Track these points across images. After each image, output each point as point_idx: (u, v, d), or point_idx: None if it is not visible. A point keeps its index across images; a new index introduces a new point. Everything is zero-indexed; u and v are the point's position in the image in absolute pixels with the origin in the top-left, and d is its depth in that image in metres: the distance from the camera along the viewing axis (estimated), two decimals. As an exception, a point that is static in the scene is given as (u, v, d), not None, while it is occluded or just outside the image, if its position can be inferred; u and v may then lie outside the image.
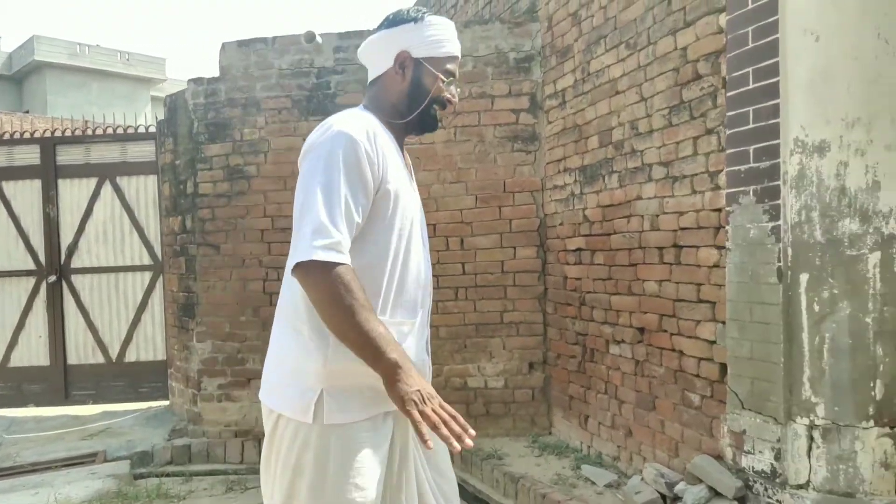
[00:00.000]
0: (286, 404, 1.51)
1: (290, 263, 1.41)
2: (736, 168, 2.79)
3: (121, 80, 27.37)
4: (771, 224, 2.64)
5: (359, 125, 1.46)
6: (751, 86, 2.71)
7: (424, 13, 1.58)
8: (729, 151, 2.83)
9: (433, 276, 4.73)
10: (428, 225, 4.71)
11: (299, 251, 1.37)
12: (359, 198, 1.42)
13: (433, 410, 1.34)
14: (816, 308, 2.54)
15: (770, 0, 2.60)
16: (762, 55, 2.65)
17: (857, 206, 2.47)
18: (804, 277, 2.56)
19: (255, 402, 4.78)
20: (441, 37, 1.57)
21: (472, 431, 1.36)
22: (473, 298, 4.60)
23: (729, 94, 2.82)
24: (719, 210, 2.93)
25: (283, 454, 1.52)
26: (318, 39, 4.62)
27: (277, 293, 4.87)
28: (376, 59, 1.59)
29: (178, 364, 5.29)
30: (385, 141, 1.50)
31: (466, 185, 4.58)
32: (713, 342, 3.00)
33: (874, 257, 2.46)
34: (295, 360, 1.50)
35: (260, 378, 1.59)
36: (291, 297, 1.52)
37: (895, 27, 2.43)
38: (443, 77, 1.57)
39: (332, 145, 1.41)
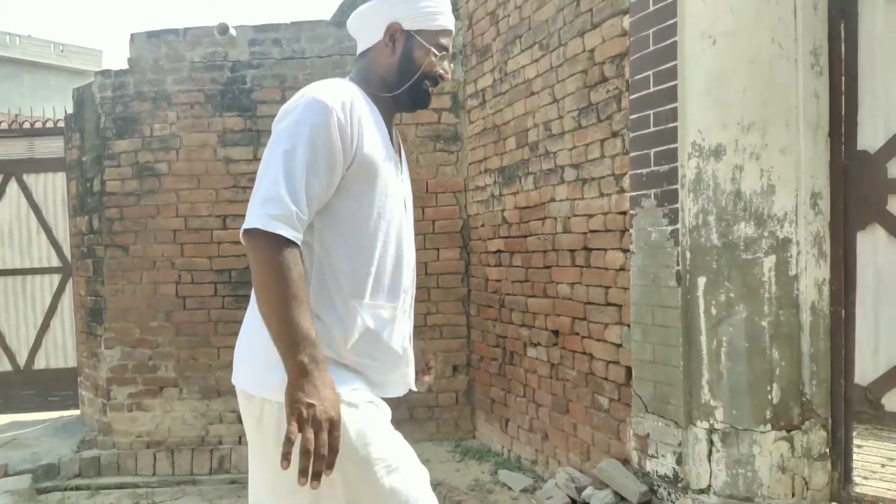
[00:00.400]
0: (263, 385, 1.37)
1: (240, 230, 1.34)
2: (638, 171, 2.78)
3: (55, 73, 26.20)
4: (670, 228, 2.64)
5: (335, 93, 1.37)
6: (651, 89, 2.70)
7: None
8: (632, 154, 2.82)
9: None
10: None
11: (249, 217, 1.30)
12: (321, 170, 1.33)
13: (308, 436, 1.23)
14: (714, 311, 2.54)
15: (670, 3, 2.59)
16: (662, 58, 2.64)
17: (753, 209, 2.48)
18: (702, 281, 2.56)
19: (167, 412, 4.59)
20: (434, 9, 1.49)
21: (329, 475, 1.26)
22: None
23: (632, 97, 2.80)
24: (624, 213, 2.91)
25: (269, 441, 1.37)
26: (232, 32, 4.44)
27: (191, 297, 4.70)
28: (366, 30, 1.52)
29: (87, 372, 5.03)
30: (365, 112, 1.40)
31: (387, 185, 4.48)
32: (619, 345, 2.99)
33: (769, 261, 2.48)
34: (264, 336, 1.36)
35: (173, 385, 1.43)
36: None
37: (789, 32, 2.44)
38: (435, 51, 1.49)
39: (302, 113, 1.34)
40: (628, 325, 2.91)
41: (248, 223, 1.29)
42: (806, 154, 2.45)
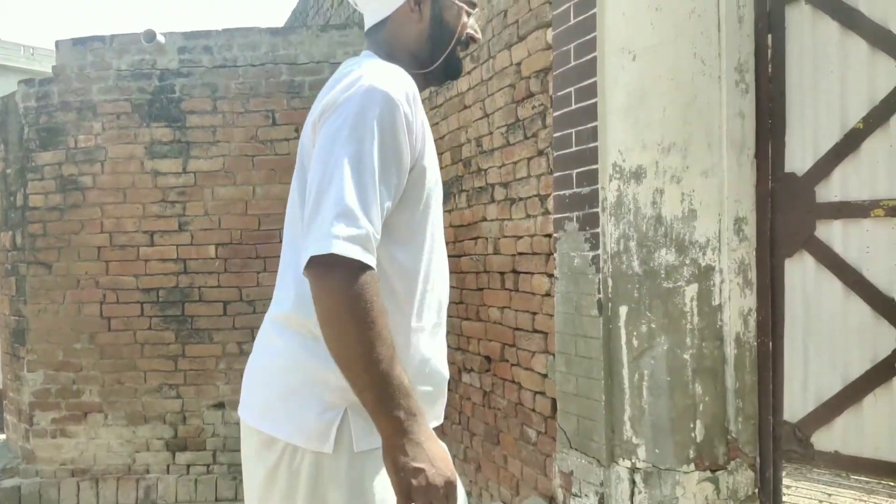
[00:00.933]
0: (296, 429, 1.15)
1: (302, 255, 1.05)
2: (562, 193, 2.63)
3: (27, 76, 25.64)
4: (591, 253, 2.48)
5: (395, 81, 1.12)
6: (573, 106, 2.54)
7: None
8: (556, 175, 2.66)
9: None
10: (272, 244, 4.50)
11: (315, 240, 1.03)
12: (392, 177, 1.10)
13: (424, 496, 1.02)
14: (635, 343, 2.39)
15: (590, 15, 2.44)
16: (583, 74, 2.49)
17: (674, 235, 2.33)
18: (623, 310, 2.41)
19: (92, 439, 4.35)
20: None
21: None
22: (332, 321, 4.31)
23: (555, 113, 2.65)
24: (549, 236, 2.76)
25: (297, 497, 1.16)
26: (160, 39, 4.24)
27: (117, 317, 4.48)
28: None
29: (11, 395, 4.77)
30: (422, 106, 1.18)
31: (324, 200, 4.30)
32: (545, 375, 2.83)
33: (691, 290, 2.33)
34: (305, 371, 1.15)
35: (98, 411, 1.16)
36: (298, 292, 1.16)
37: (713, 47, 2.30)
38: (468, 8, 1.26)
39: (363, 104, 1.08)
40: (554, 355, 2.75)
41: (319, 247, 1.02)
42: (730, 177, 2.31)
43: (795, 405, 2.33)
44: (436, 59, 1.24)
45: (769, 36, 2.32)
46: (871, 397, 2.17)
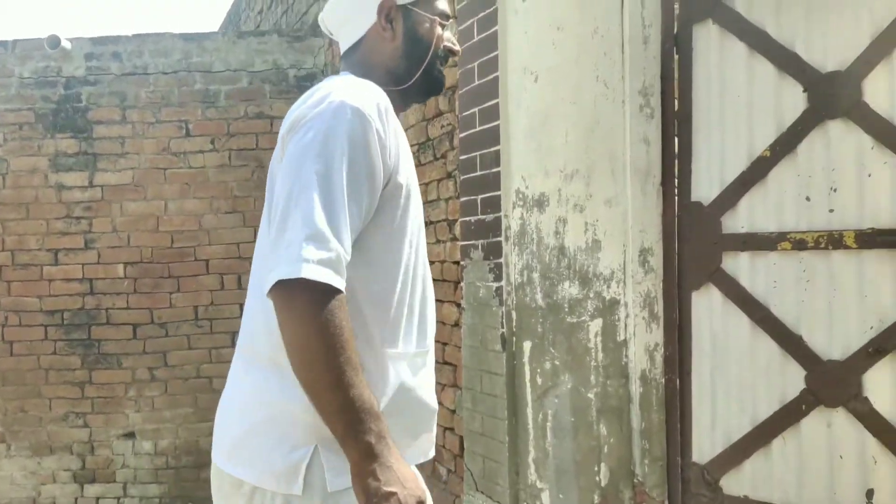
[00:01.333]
0: (263, 471, 1.09)
1: (268, 277, 1.00)
2: (468, 219, 2.48)
3: None
4: (495, 284, 2.34)
5: (367, 96, 1.08)
6: (478, 128, 2.40)
7: None
8: (462, 199, 2.51)
9: (208, 319, 4.25)
10: (199, 261, 4.27)
11: (283, 262, 0.98)
12: (363, 196, 1.06)
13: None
14: (539, 381, 2.25)
15: (492, 32, 2.30)
16: (487, 94, 2.34)
17: (577, 267, 2.20)
18: (527, 346, 2.27)
19: (-10, 470, 4.06)
20: None
21: None
22: (251, 343, 4.09)
23: (461, 135, 2.50)
24: (458, 263, 2.61)
25: None
26: (66, 45, 3.97)
27: (19, 341, 4.17)
28: (351, 19, 1.24)
29: None
30: (396, 120, 1.14)
31: (244, 216, 4.08)
32: (454, 411, 2.68)
33: (595, 325, 2.20)
34: (271, 408, 1.10)
35: (1, 441, 0.95)
36: (265, 320, 1.09)
37: (616, 69, 2.18)
38: (441, 20, 1.23)
39: (333, 120, 1.04)
40: (462, 389, 2.60)
41: (287, 271, 0.97)
42: (634, 205, 2.19)
43: (704, 446, 2.21)
44: (413, 75, 1.23)
45: (676, 58, 2.21)
46: (780, 440, 2.07)
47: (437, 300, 2.78)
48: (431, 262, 2.80)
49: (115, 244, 4.08)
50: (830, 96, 1.94)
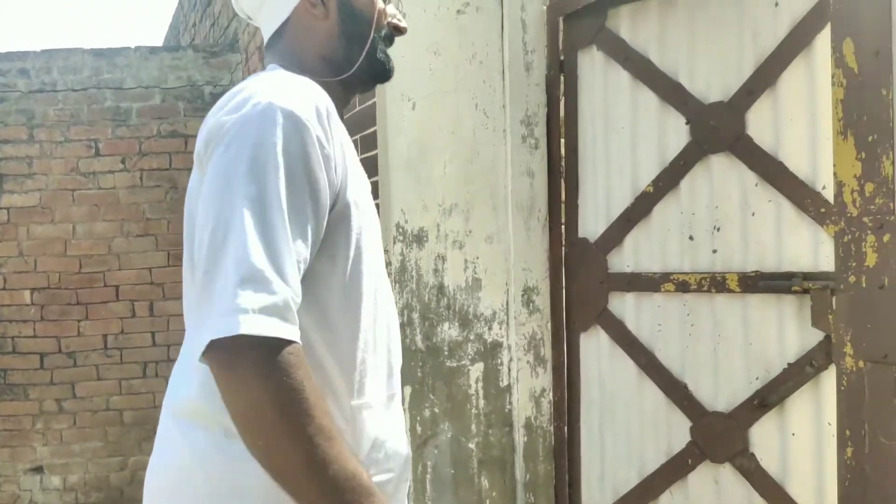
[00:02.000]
0: None
1: (197, 337, 0.79)
2: (351, 252, 2.33)
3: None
4: (374, 325, 2.19)
5: (302, 95, 0.87)
6: (360, 155, 2.25)
7: None
8: (347, 231, 2.37)
9: (118, 348, 4.06)
10: (108, 286, 4.07)
11: (215, 316, 0.77)
12: (307, 220, 0.83)
13: None
14: (419, 429, 2.10)
15: (370, 55, 2.16)
16: (366, 121, 2.20)
17: (457, 307, 2.05)
18: (407, 391, 2.11)
19: None
20: None
21: None
22: (165, 375, 3.90)
23: (345, 162, 2.35)
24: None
25: None
26: (-34, 60, 3.78)
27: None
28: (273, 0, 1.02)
29: None
30: (340, 123, 0.93)
31: (156, 239, 3.90)
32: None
33: (476, 369, 2.06)
34: (219, 478, 0.88)
35: None
36: (202, 376, 0.88)
37: (496, 97, 2.05)
38: None
39: (260, 129, 0.82)
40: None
41: (220, 328, 0.76)
42: (517, 242, 2.05)
43: (594, 499, 2.07)
44: (354, 61, 1.02)
45: (562, 87, 2.08)
46: (668, 495, 1.93)
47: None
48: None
49: (21, 269, 3.88)
50: (713, 129, 1.81)
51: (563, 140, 2.09)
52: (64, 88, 3.87)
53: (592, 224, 2.05)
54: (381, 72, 1.06)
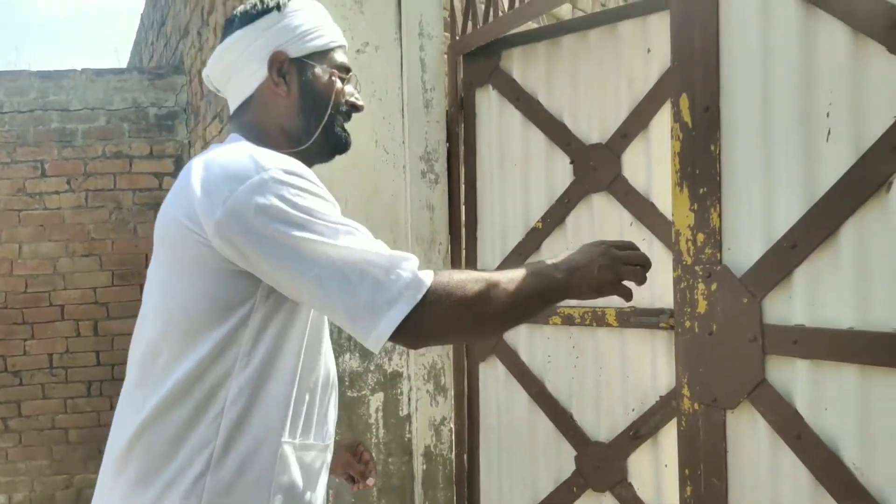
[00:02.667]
0: None
1: (370, 337, 0.91)
2: (264, 281, 2.38)
3: None
4: (281, 355, 2.24)
5: (282, 157, 0.99)
6: (269, 188, 2.31)
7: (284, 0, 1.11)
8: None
9: (63, 367, 4.08)
10: (54, 306, 4.10)
11: (389, 309, 0.90)
12: (349, 222, 0.98)
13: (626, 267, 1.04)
14: (323, 458, 2.15)
15: (278, 91, 2.21)
16: (274, 154, 2.25)
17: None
18: (311, 421, 2.16)
19: None
20: (315, 23, 1.11)
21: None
22: (110, 394, 3.93)
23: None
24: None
25: None
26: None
27: None
28: (242, 72, 1.10)
29: None
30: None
31: (101, 259, 3.93)
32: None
33: (376, 399, 2.11)
34: None
35: None
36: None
37: (396, 134, 2.11)
38: (339, 73, 1.12)
39: (280, 187, 0.93)
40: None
41: (395, 316, 0.90)
42: (416, 275, 2.10)
43: (492, 526, 2.13)
44: (311, 134, 1.11)
45: (461, 124, 2.14)
46: (557, 521, 1.99)
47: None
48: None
49: (-34, 289, 3.90)
50: (593, 169, 1.88)
51: (462, 175, 2.15)
52: (10, 110, 3.90)
53: (490, 257, 2.11)
54: (338, 145, 1.15)
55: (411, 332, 0.91)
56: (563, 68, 1.94)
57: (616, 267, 1.03)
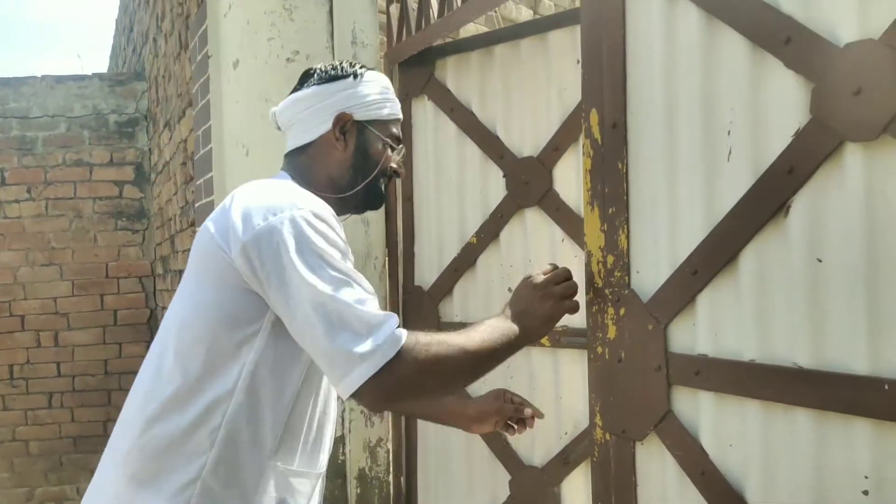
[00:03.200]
0: None
1: (341, 385, 1.01)
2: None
3: None
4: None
5: (316, 201, 1.11)
6: (204, 199, 2.24)
7: (362, 67, 1.27)
8: (198, 275, 2.35)
9: (24, 378, 4.01)
10: (14, 316, 4.03)
11: (354, 368, 0.99)
12: (354, 272, 1.07)
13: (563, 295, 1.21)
14: (255, 480, 2.08)
15: (210, 99, 2.15)
16: (207, 165, 2.19)
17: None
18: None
19: None
20: (385, 95, 1.27)
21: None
22: (71, 406, 3.87)
23: (196, 204, 2.34)
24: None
25: None
26: None
27: None
28: (307, 121, 1.25)
29: None
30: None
31: (61, 269, 3.87)
32: None
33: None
34: None
35: None
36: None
37: (329, 145, 2.03)
38: (392, 143, 1.27)
39: (301, 226, 1.05)
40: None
41: (366, 369, 0.99)
42: (349, 291, 2.03)
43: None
44: (354, 187, 1.25)
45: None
46: (493, 547, 1.92)
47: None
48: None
49: (-75, 298, 3.84)
50: (525, 183, 1.81)
51: (399, 188, 2.08)
52: (-30, 117, 3.84)
53: (427, 272, 2.04)
54: (374, 202, 1.29)
55: (380, 387, 0.99)
56: (496, 78, 1.87)
57: (555, 306, 1.19)
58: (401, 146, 1.30)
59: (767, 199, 1.03)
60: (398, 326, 1.02)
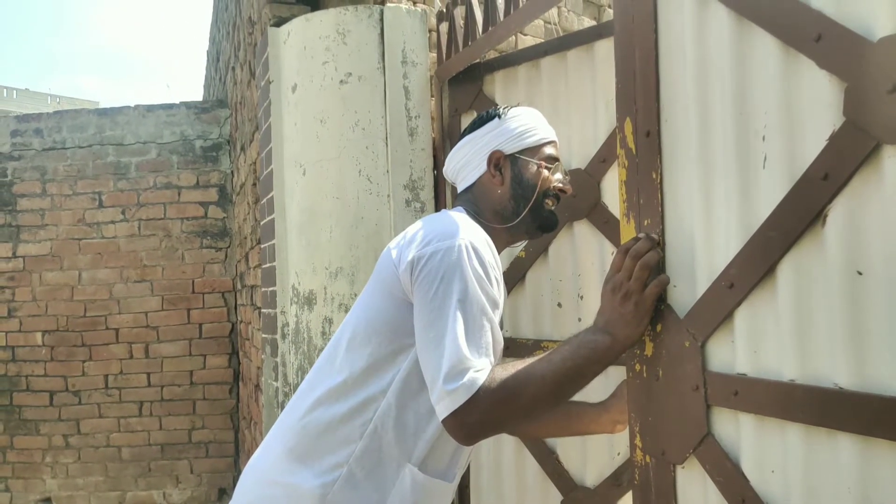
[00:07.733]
0: None
1: (437, 408, 1.12)
2: (267, 311, 2.40)
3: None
4: (275, 384, 2.24)
5: (479, 235, 1.23)
6: (267, 218, 2.33)
7: (505, 108, 1.41)
8: (262, 290, 2.44)
9: (117, 388, 4.27)
10: (109, 329, 4.32)
11: (447, 397, 1.10)
12: (488, 317, 1.17)
13: (639, 283, 1.18)
14: (312, 491, 2.12)
15: (270, 123, 2.24)
16: (269, 186, 2.28)
17: (343, 372, 2.07)
18: (301, 453, 2.14)
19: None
20: (529, 125, 1.39)
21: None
22: (159, 414, 4.10)
23: (261, 223, 2.44)
24: (268, 355, 2.52)
25: None
26: (-11, 123, 4.16)
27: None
28: (467, 168, 1.42)
29: None
30: (498, 257, 1.30)
31: (152, 285, 4.13)
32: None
33: (363, 434, 2.06)
34: None
35: None
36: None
37: (379, 163, 2.07)
38: (546, 164, 1.38)
39: (459, 257, 1.17)
40: None
41: (445, 407, 1.09)
42: (401, 306, 2.05)
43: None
44: (519, 214, 1.36)
45: (446, 150, 2.08)
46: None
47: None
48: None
49: (34, 313, 4.20)
50: (574, 196, 1.77)
51: (449, 203, 2.08)
52: (72, 146, 4.19)
53: (477, 287, 2.03)
54: (545, 224, 1.39)
55: (460, 427, 1.08)
56: (543, 91, 1.85)
57: (639, 300, 1.15)
58: (557, 163, 1.37)
59: (803, 208, 0.96)
60: (480, 370, 1.08)
